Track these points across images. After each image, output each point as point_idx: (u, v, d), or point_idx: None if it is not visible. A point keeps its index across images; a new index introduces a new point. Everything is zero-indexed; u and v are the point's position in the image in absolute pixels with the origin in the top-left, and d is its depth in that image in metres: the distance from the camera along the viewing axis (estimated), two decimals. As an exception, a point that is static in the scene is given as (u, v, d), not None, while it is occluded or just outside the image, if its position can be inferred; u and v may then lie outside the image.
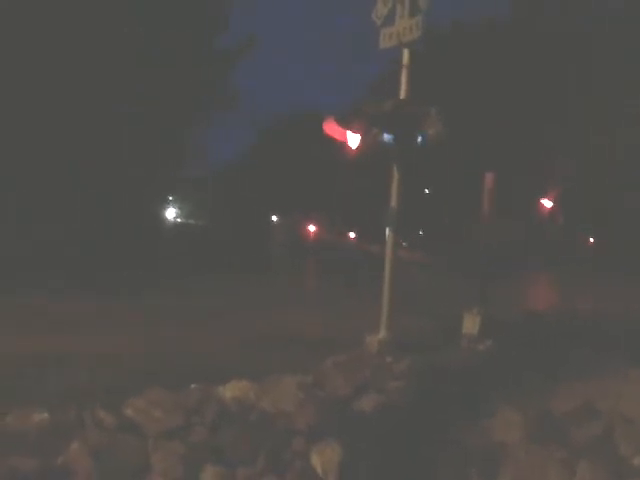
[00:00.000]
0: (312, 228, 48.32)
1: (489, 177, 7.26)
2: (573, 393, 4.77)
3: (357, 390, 5.02)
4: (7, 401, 4.32)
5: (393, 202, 6.31)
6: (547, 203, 29.04)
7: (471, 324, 7.23)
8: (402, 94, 6.05)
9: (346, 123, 5.88)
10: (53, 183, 14.82)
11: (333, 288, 13.22)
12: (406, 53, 6.04)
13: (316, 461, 4.16)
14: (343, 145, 6.05)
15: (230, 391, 5.06)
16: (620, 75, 28.30)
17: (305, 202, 45.83)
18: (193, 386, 5.08)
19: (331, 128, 6.00)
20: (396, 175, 6.21)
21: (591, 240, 38.49)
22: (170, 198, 21.18)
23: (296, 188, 46.09)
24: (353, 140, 5.94)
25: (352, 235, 43.96)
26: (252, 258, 18.62)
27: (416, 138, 5.73)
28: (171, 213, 20.78)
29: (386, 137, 5.88)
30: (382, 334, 6.40)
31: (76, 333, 6.90)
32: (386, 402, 4.80)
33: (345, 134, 5.97)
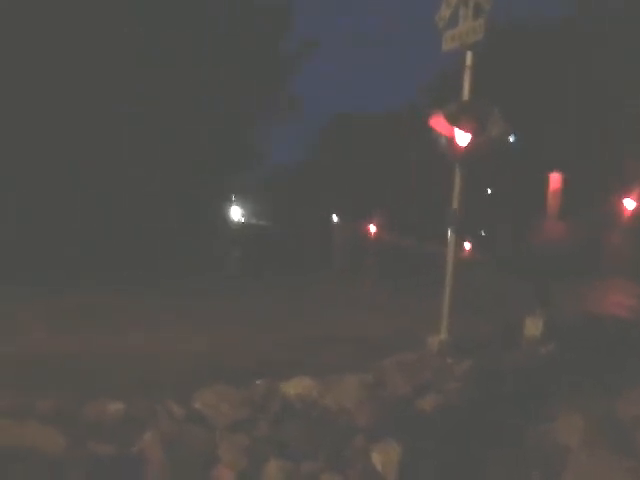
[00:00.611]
0: (373, 228, 48.22)
1: (554, 177, 7.14)
2: (637, 400, 4.67)
3: (417, 390, 5.08)
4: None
5: (455, 202, 6.31)
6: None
7: (533, 327, 7.15)
8: (465, 95, 6.06)
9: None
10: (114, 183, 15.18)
11: (394, 289, 13.21)
12: (469, 55, 6.03)
13: (376, 459, 4.24)
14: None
15: (293, 388, 5.20)
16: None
17: (366, 203, 45.80)
18: (258, 382, 5.26)
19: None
20: (459, 175, 6.21)
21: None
22: (234, 198, 21.52)
23: (357, 189, 46.17)
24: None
25: (414, 236, 43.61)
26: (313, 259, 18.76)
27: (481, 138, 5.70)
28: (236, 213, 21.13)
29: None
30: (443, 335, 6.41)
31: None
32: (446, 403, 4.84)
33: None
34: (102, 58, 14.50)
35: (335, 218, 52.42)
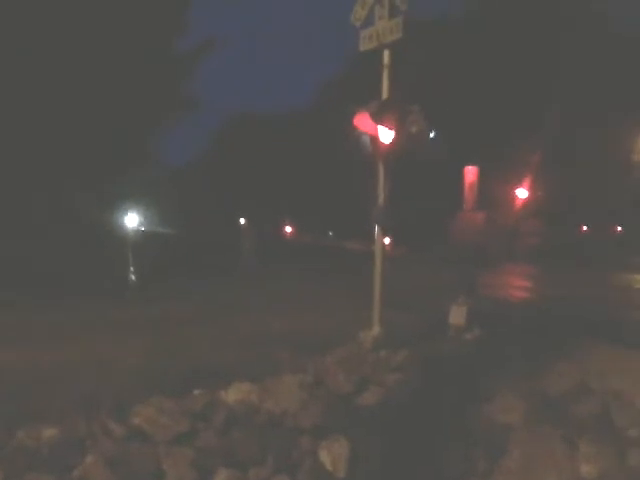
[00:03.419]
0: (288, 229, 48.36)
1: (470, 170, 7.43)
2: (565, 375, 4.96)
3: (357, 385, 5.14)
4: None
5: (380, 199, 6.42)
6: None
7: (458, 315, 7.41)
8: (384, 94, 6.18)
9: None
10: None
11: (314, 287, 13.27)
12: (386, 54, 6.15)
13: (325, 457, 4.26)
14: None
15: (233, 394, 5.14)
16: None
17: (280, 203, 45.80)
18: (196, 392, 5.16)
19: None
20: (382, 172, 6.33)
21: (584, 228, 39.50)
22: (130, 205, 20.56)
23: (266, 190, 45.97)
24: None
25: (330, 234, 44.11)
26: (224, 263, 18.44)
27: (403, 136, 5.84)
28: (133, 221, 20.14)
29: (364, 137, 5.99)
30: (375, 329, 6.52)
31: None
32: (387, 394, 4.93)
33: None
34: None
35: (243, 221, 51.92)
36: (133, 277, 14.45)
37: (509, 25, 31.29)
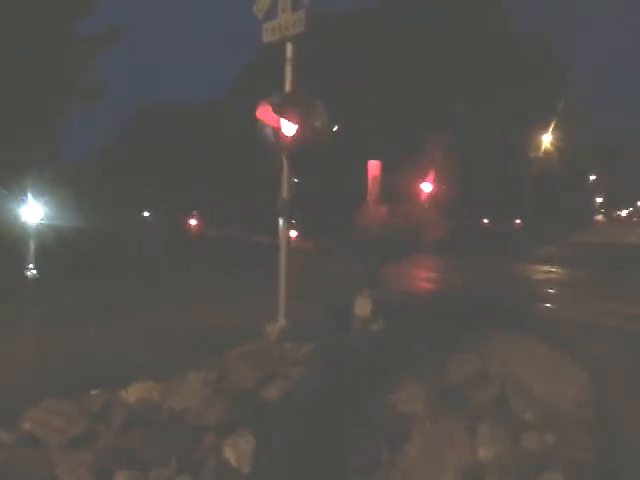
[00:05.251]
0: (193, 222, 47.43)
1: (373, 165, 7.56)
2: (465, 362, 5.16)
3: (262, 379, 5.11)
4: None
5: (284, 192, 6.40)
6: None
7: (363, 306, 7.54)
8: (287, 87, 6.15)
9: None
10: None
11: (220, 282, 13.08)
12: (289, 47, 6.11)
13: (230, 454, 4.20)
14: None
15: (134, 393, 4.98)
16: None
17: (183, 196, 44.83)
18: (94, 391, 4.94)
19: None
20: (285, 165, 6.31)
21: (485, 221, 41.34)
22: (29, 196, 19.40)
23: (171, 183, 44.87)
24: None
25: (236, 227, 43.71)
26: (126, 257, 17.79)
27: (306, 129, 5.83)
28: (33, 214, 18.96)
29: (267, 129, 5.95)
30: (280, 322, 6.50)
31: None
32: (292, 387, 4.93)
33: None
34: None
35: (146, 214, 50.44)
36: (32, 273, 13.66)
37: (418, 20, 32.16)
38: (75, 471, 3.93)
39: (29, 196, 20.14)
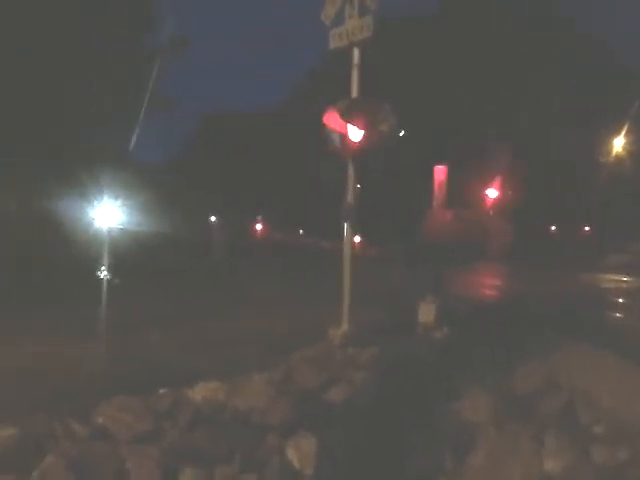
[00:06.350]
0: (259, 227, 48.17)
1: (440, 170, 7.47)
2: (532, 371, 5.01)
3: (326, 382, 5.13)
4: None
5: (349, 197, 6.42)
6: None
7: (426, 312, 7.45)
8: (354, 92, 6.18)
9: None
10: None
11: (284, 286, 13.20)
12: (356, 52, 6.15)
13: (292, 455, 4.24)
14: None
15: (200, 393, 5.08)
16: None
17: (249, 201, 45.59)
18: (162, 390, 5.08)
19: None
20: (351, 171, 6.33)
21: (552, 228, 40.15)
22: (105, 203, 20.17)
23: (237, 189, 45.74)
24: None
25: (300, 232, 44.05)
26: (195, 262, 18.22)
27: (373, 135, 5.84)
28: (109, 217, 19.60)
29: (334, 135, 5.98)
30: (344, 327, 6.52)
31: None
32: (355, 391, 4.93)
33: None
34: None
35: (213, 218, 51.51)
36: (105, 275, 14.17)
37: (482, 24, 31.65)
38: (144, 466, 4.04)
39: (105, 199, 20.88)
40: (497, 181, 29.63)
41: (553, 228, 40.93)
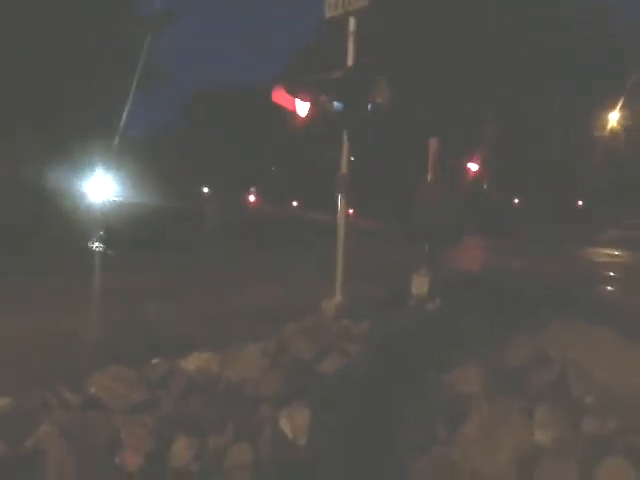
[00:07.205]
0: (252, 199, 48.05)
1: (434, 142, 7.42)
2: (524, 344, 5.04)
3: (319, 353, 5.14)
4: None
5: (343, 169, 6.38)
6: (473, 166, 29.70)
7: (420, 285, 7.47)
8: (349, 62, 6.09)
9: (295, 91, 5.87)
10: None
11: (277, 258, 13.20)
12: (352, 21, 6.04)
13: (285, 425, 4.26)
14: (292, 113, 6.03)
15: (193, 363, 5.10)
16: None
17: (242, 173, 45.38)
18: (155, 360, 5.09)
19: (280, 96, 5.98)
20: (345, 142, 6.28)
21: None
22: (98, 175, 19.93)
23: (230, 160, 45.46)
24: (302, 108, 5.95)
25: (294, 204, 43.95)
26: (188, 234, 18.12)
27: (366, 105, 5.78)
28: (101, 189, 19.32)
29: (336, 105, 5.93)
30: (337, 299, 6.53)
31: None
32: (349, 362, 4.95)
33: (294, 102, 5.97)
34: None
35: (205, 190, 51.27)
36: (100, 247, 14.11)
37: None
38: (137, 434, 4.05)
39: (98, 171, 20.64)
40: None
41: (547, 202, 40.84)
